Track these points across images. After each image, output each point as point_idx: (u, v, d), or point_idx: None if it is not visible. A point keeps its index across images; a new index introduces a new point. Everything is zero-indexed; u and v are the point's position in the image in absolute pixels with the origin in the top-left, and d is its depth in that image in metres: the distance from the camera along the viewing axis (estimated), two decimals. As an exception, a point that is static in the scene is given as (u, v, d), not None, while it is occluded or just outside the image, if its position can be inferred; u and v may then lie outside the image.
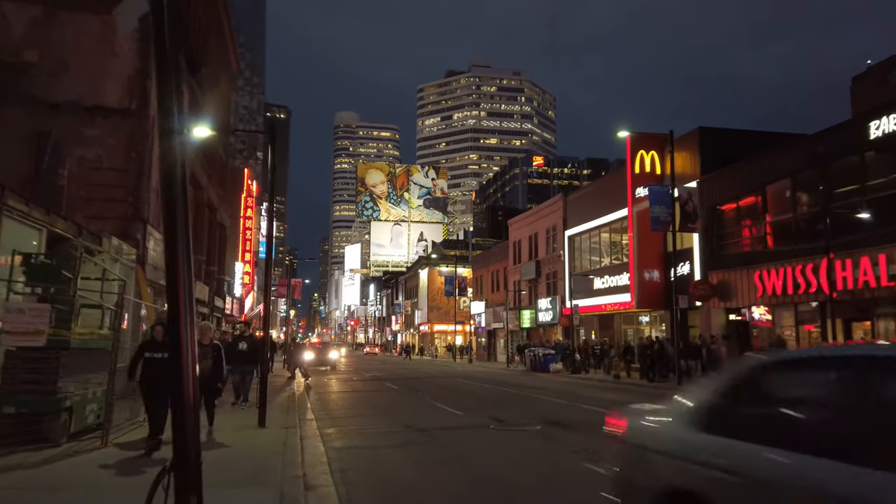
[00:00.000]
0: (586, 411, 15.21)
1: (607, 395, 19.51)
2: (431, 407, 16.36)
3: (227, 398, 14.40)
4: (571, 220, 39.85)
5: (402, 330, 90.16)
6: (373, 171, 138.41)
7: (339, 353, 47.06)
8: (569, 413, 14.77)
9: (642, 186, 30.54)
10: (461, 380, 28.39)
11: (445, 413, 14.82)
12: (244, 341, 14.62)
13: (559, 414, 14.47)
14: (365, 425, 12.95)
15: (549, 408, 16.05)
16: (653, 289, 30.29)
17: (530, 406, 16.51)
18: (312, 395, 20.32)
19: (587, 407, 16.02)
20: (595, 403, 16.71)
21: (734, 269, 24.95)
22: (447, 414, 14.64)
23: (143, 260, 17.11)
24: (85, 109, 16.96)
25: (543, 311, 42.79)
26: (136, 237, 16.68)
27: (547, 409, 15.85)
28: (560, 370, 33.62)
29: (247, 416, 12.30)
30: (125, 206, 16.93)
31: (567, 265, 39.91)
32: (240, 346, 14.37)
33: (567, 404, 16.85)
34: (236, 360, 13.80)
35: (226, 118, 37.27)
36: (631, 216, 30.66)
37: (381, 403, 17.57)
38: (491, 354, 55.24)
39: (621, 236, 34.30)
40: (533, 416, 13.96)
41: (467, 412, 14.80)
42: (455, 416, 14.15)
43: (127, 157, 17.12)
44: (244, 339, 14.74)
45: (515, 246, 49.73)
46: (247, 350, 14.36)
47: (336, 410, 15.98)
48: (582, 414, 14.64)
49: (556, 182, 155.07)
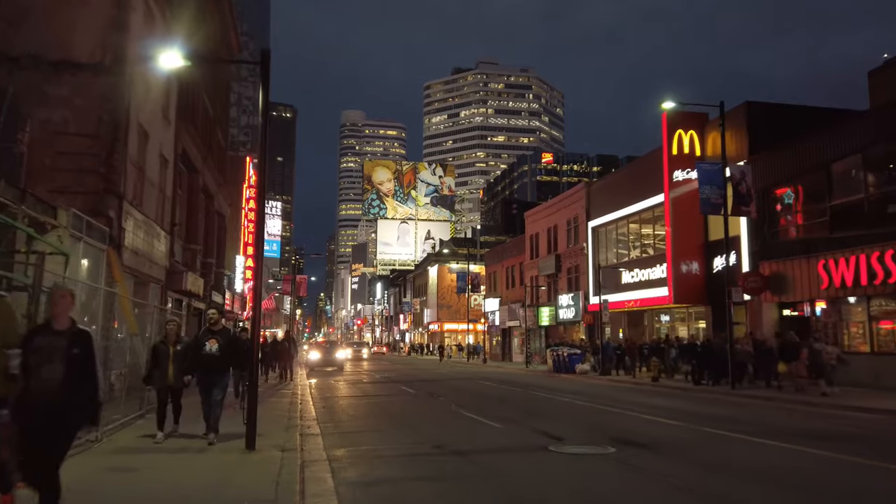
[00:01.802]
0: (651, 423, 12.48)
1: (658, 401, 16.76)
2: (459, 417, 13.66)
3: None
4: (595, 211, 37.06)
5: (411, 329, 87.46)
6: (379, 168, 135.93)
7: (346, 352, 44.50)
8: (632, 425, 12.05)
9: (680, 169, 27.82)
10: (482, 382, 25.68)
11: (480, 426, 12.11)
12: (214, 338, 9.55)
13: (621, 427, 11.75)
14: (384, 444, 10.26)
15: (603, 418, 13.33)
16: (692, 282, 27.51)
17: (578, 415, 13.78)
18: (317, 399, 17.65)
19: (649, 417, 13.27)
20: (654, 411, 13.97)
21: (791, 259, 22.17)
22: (483, 427, 11.93)
23: (118, 242, 14.47)
24: (49, 64, 14.35)
25: (565, 308, 40.01)
26: (107, 214, 14.03)
27: (601, 419, 13.12)
28: (587, 371, 30.87)
29: (233, 429, 9.58)
30: (96, 178, 14.30)
31: (591, 258, 37.13)
32: (206, 346, 9.46)
33: (620, 413, 14.11)
34: (200, 366, 9.44)
35: (224, 101, 34.68)
36: (667, 202, 27.89)
37: (400, 412, 14.87)
38: (506, 354, 52.48)
39: (653, 226, 31.53)
40: (592, 431, 11.24)
41: (506, 424, 12.09)
42: (494, 431, 11.44)
43: (98, 120, 14.49)
44: (214, 336, 9.61)
45: (532, 240, 46.97)
46: (217, 353, 9.45)
47: (346, 422, 13.28)
48: (648, 426, 11.92)
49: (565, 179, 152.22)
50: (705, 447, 9.75)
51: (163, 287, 19.77)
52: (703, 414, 13.90)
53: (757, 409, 15.14)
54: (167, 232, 20.02)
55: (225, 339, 9.69)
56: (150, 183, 17.74)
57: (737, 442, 10.17)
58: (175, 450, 8.75)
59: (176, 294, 21.84)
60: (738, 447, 9.74)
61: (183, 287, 20.79)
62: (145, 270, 17.20)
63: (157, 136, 18.05)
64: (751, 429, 11.42)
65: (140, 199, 16.75)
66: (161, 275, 19.36)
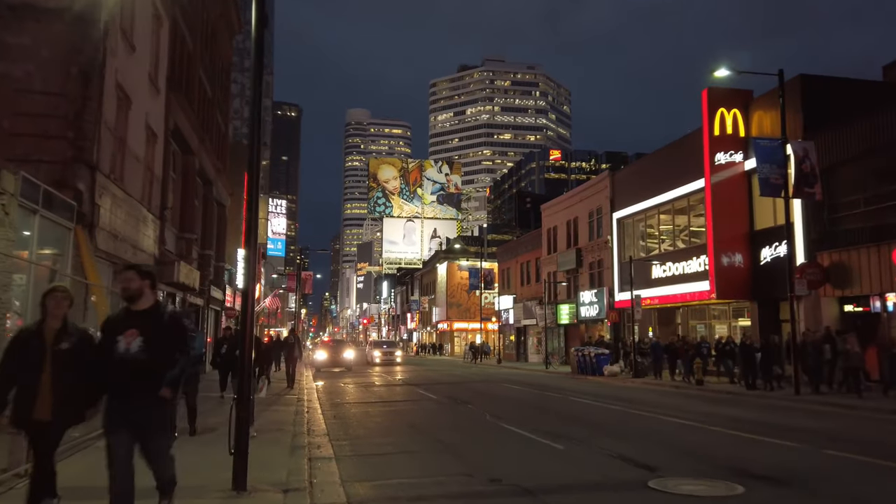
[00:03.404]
0: (754, 443, 9.94)
1: (729, 411, 14.28)
2: (502, 431, 11.22)
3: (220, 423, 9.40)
4: (620, 201, 34.55)
5: (419, 328, 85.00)
6: (385, 166, 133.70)
7: (375, 354, 40.79)
8: (732, 447, 9.60)
9: (722, 152, 25.32)
10: (505, 385, 23.26)
11: (535, 446, 9.66)
12: (135, 327, 4.69)
13: (718, 449, 9.30)
14: (419, 473, 7.83)
15: (684, 435, 10.86)
16: (735, 275, 24.96)
17: (649, 431, 11.29)
18: (327, 406, 15.26)
19: (745, 435, 10.73)
20: (738, 425, 11.44)
21: (856, 247, 19.68)
22: (539, 448, 9.49)
23: (90, 221, 12.10)
24: (7, 7, 11.99)
25: (587, 305, 37.51)
26: (75, 186, 11.65)
27: (683, 437, 10.64)
28: (617, 374, 28.42)
29: (216, 455, 7.05)
30: (63, 144, 11.92)
31: (616, 252, 34.65)
32: (120, 344, 4.61)
33: (700, 427, 11.61)
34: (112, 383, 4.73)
35: (225, 84, 32.34)
36: (708, 188, 25.36)
37: (426, 424, 12.43)
38: (521, 354, 49.99)
39: (687, 216, 29.05)
40: (685, 455, 8.78)
41: (568, 444, 9.63)
42: (556, 455, 9.00)
43: (67, 75, 12.12)
44: (138, 322, 4.74)
45: (550, 233, 44.48)
46: (140, 354, 4.60)
47: (364, 438, 10.83)
48: (753, 448, 9.44)
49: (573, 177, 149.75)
50: (861, 482, 7.30)
51: (151, 278, 17.38)
52: (802, 428, 11.43)
53: (853, 421, 12.69)
54: (156, 216, 17.66)
55: (157, 325, 4.75)
56: (135, 157, 15.37)
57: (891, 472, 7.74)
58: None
59: (167, 287, 19.49)
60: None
61: (175, 279, 18.41)
62: (128, 257, 14.82)
63: (142, 104, 15.67)
64: (885, 451, 8.99)
65: (121, 175, 14.37)
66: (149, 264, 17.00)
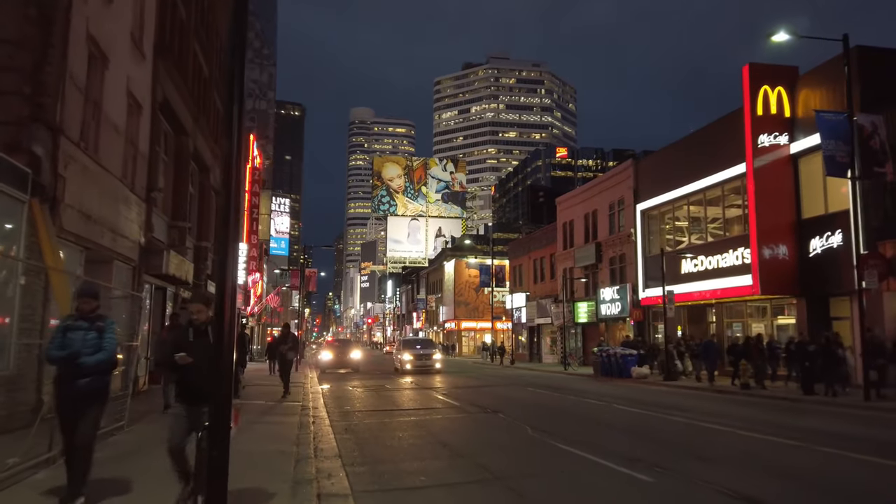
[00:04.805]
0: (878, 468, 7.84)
1: (807, 422, 12.13)
2: (556, 453, 9.06)
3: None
4: (645, 192, 32.38)
5: (425, 327, 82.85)
6: (389, 164, 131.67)
7: (406, 357, 30.75)
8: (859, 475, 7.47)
9: (766, 133, 23.14)
10: (529, 389, 21.12)
11: (611, 477, 7.50)
12: None
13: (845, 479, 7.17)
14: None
15: (782, 457, 8.69)
16: (780, 269, 22.76)
17: (742, 451, 9.11)
18: (336, 417, 13.12)
19: (853, 455, 8.60)
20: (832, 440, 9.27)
21: (928, 236, 17.53)
22: (618, 479, 7.32)
23: (50, 195, 9.98)
24: (-50, -64, 9.90)
25: (608, 303, 35.32)
26: (31, 150, 9.54)
27: (793, 461, 8.48)
28: (646, 376, 26.25)
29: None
30: (18, 100, 9.81)
31: (640, 246, 32.48)
32: None
33: (797, 447, 9.43)
34: None
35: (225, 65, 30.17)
36: (751, 173, 23.16)
37: (461, 444, 10.23)
38: (534, 354, 47.79)
39: (721, 206, 26.86)
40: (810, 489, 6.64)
41: (656, 475, 7.45)
42: (648, 490, 6.83)
43: (22, 19, 10.01)
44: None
45: (566, 228, 42.29)
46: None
47: (386, 463, 8.65)
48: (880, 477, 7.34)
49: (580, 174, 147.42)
50: None
51: (135, 268, 15.29)
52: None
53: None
54: (141, 198, 15.55)
55: None
56: (113, 127, 13.25)
57: None
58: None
59: (155, 279, 17.39)
60: None
61: (163, 270, 16.29)
62: (105, 243, 12.72)
63: (122, 66, 13.56)
64: None
65: (94, 145, 12.25)
66: (133, 252, 14.89)
